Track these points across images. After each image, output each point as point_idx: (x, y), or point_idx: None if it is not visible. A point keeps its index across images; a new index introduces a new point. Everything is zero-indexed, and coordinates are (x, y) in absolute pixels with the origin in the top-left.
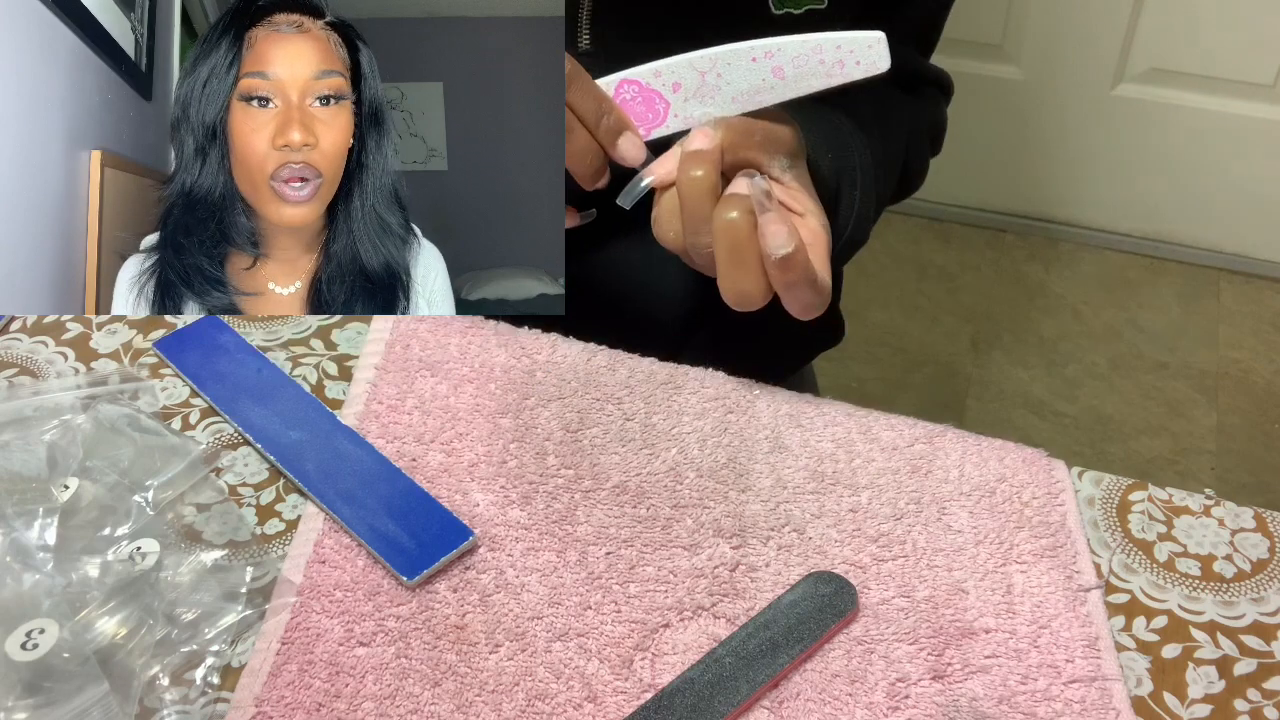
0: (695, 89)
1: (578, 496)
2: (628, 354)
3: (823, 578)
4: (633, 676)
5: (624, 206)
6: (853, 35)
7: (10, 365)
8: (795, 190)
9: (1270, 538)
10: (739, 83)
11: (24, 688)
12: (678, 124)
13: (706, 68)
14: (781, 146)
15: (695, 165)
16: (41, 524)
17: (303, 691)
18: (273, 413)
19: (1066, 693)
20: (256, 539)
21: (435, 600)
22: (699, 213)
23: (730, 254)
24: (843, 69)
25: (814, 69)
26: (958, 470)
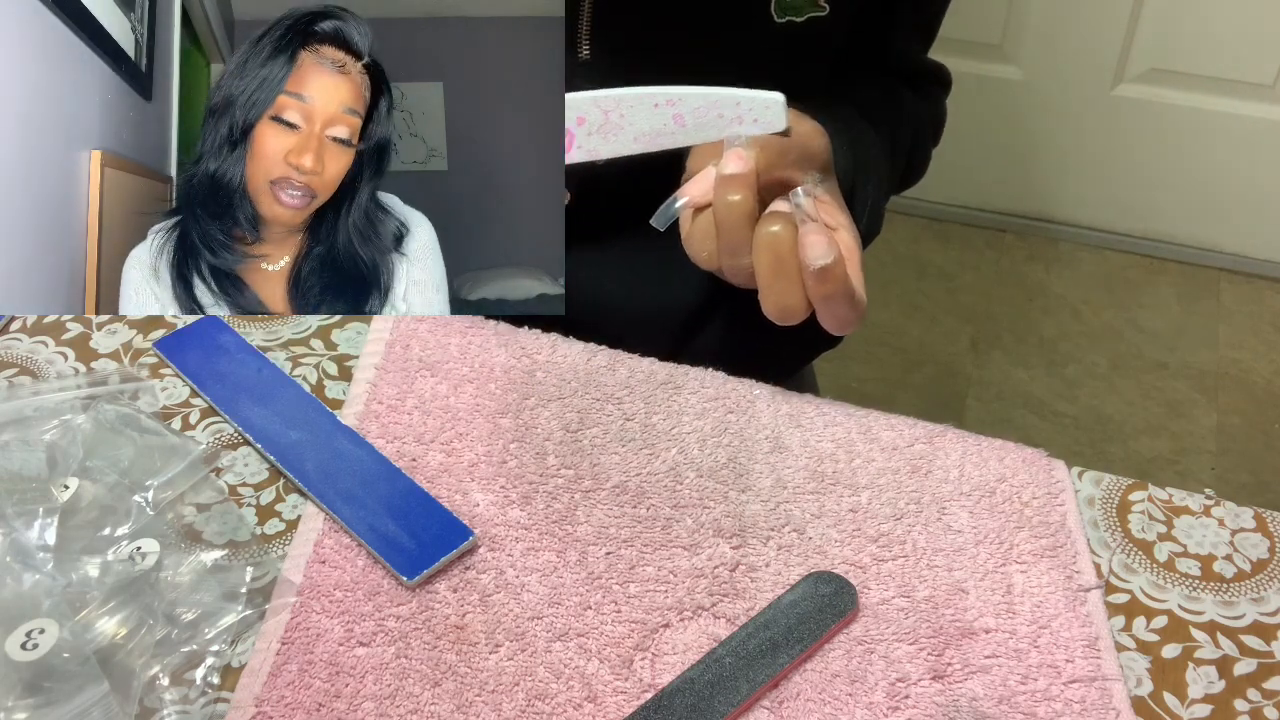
0: (599, 125)
1: (578, 496)
2: (628, 354)
3: (823, 578)
4: (633, 676)
5: (658, 228)
6: (752, 94)
7: (10, 365)
8: (827, 203)
9: (1270, 538)
10: (641, 124)
11: (24, 688)
12: (580, 155)
13: (610, 107)
14: (814, 162)
15: (732, 190)
16: (41, 524)
17: (303, 691)
18: (273, 413)
19: (1066, 693)
20: (256, 539)
21: (435, 600)
22: (737, 236)
23: (773, 267)
24: (740, 124)
25: (712, 121)
26: (958, 470)
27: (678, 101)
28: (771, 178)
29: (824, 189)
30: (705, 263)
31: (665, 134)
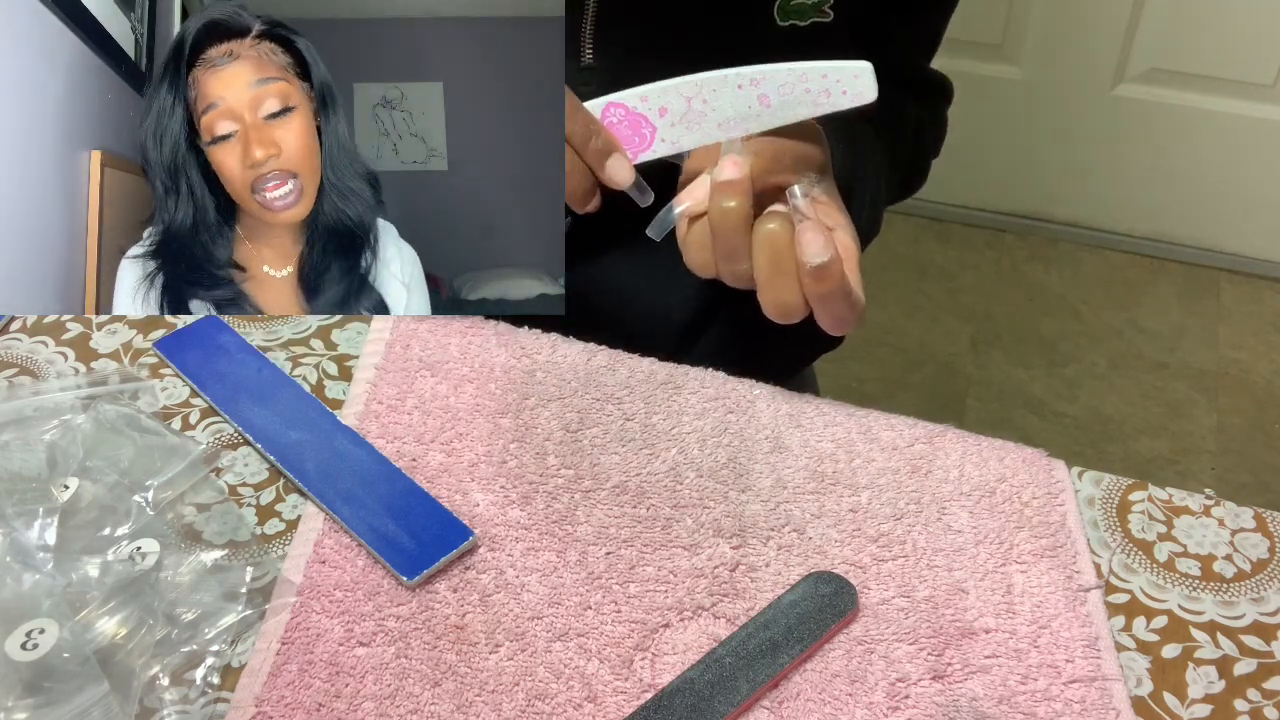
0: (681, 114)
1: (578, 496)
2: (628, 354)
3: (823, 578)
4: (633, 676)
5: (654, 238)
6: (839, 65)
7: (10, 365)
8: (825, 204)
9: (1270, 538)
10: (725, 109)
11: (24, 688)
12: (664, 149)
13: (693, 93)
14: (811, 164)
15: (727, 196)
16: (41, 524)
17: (303, 691)
18: (273, 413)
19: (1066, 693)
20: (256, 539)
21: (435, 600)
22: (733, 242)
23: (771, 264)
24: (829, 98)
25: (800, 98)
26: (958, 470)
27: (761, 80)
28: (768, 183)
29: (822, 189)
30: (702, 269)
31: (750, 117)
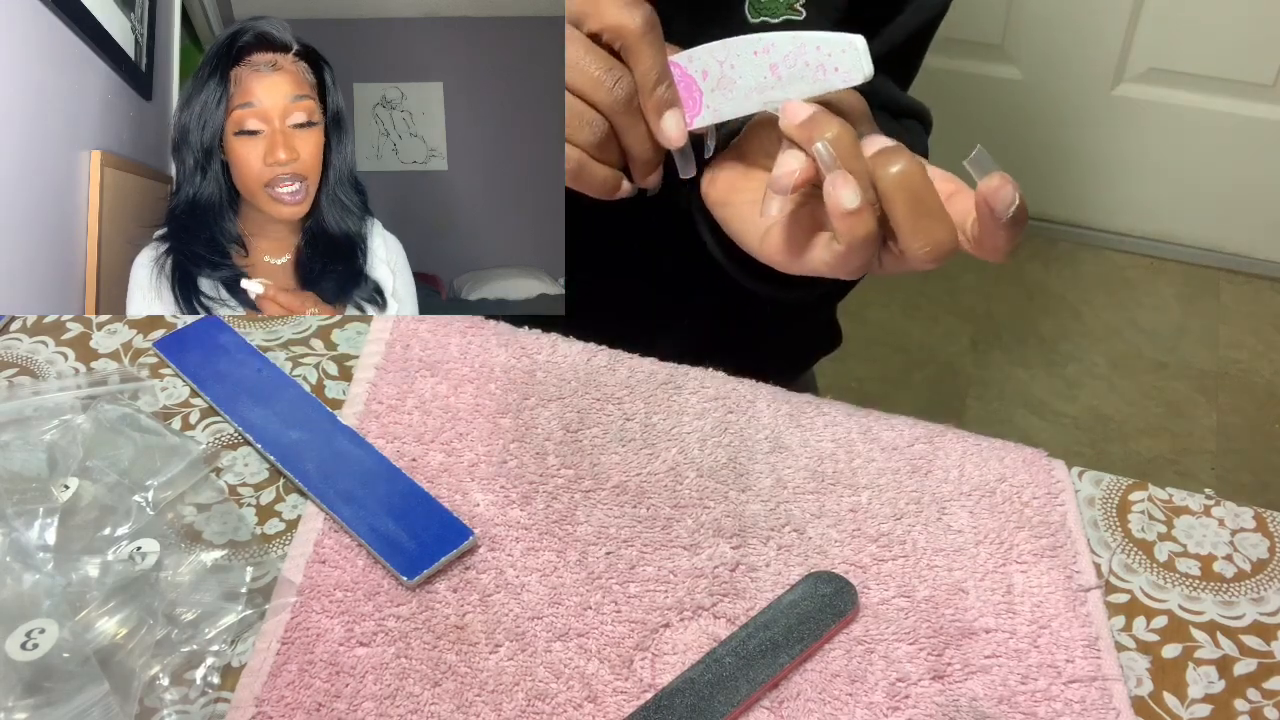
0: (718, 79)
1: (578, 496)
2: (628, 354)
3: (823, 578)
4: (633, 676)
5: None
6: (830, 37)
7: (10, 365)
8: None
9: (1270, 538)
10: (747, 77)
11: (24, 688)
12: (710, 115)
13: (723, 58)
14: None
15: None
16: (41, 524)
17: (303, 691)
18: (273, 413)
19: (1066, 693)
20: (256, 539)
21: (435, 600)
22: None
23: (913, 206)
24: (824, 75)
25: (801, 71)
26: (958, 470)
27: (771, 48)
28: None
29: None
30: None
31: (766, 88)
